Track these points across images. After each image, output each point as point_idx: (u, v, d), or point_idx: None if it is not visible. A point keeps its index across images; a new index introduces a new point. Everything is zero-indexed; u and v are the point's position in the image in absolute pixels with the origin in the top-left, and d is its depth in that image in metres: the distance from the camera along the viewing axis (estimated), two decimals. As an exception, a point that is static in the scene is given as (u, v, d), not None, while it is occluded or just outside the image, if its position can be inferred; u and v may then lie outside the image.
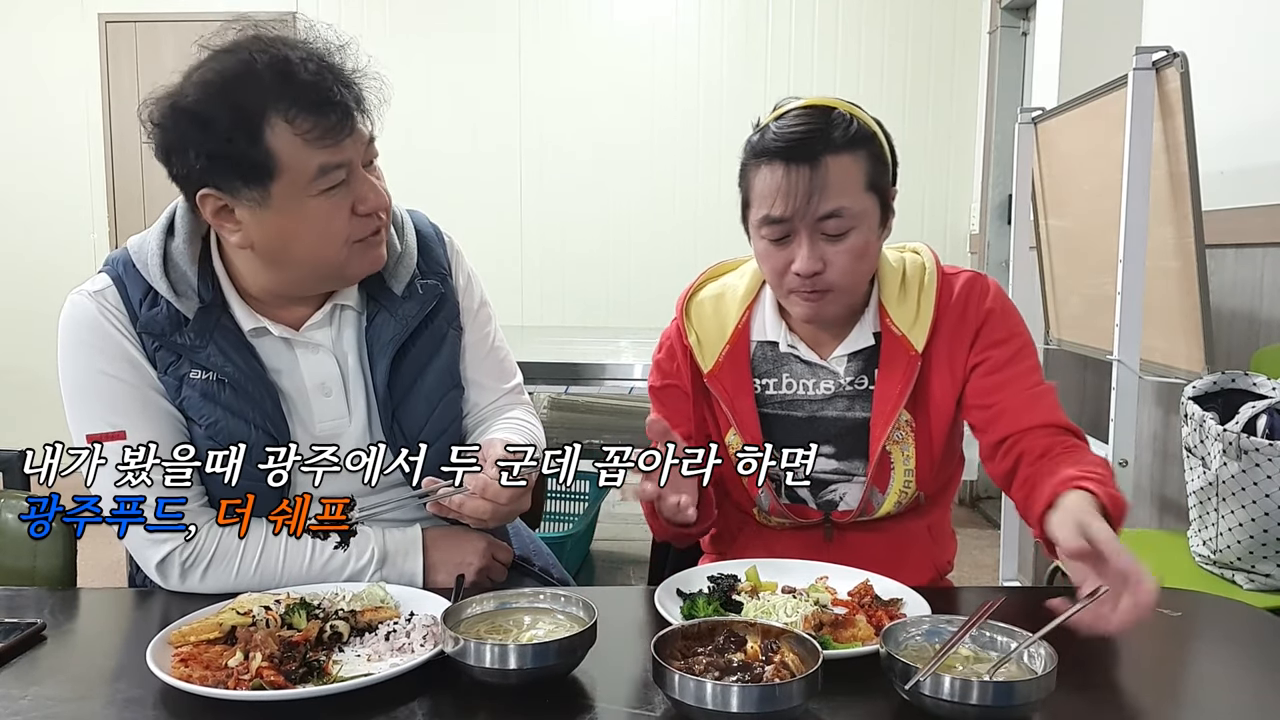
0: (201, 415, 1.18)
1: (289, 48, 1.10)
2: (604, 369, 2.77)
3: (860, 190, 1.19)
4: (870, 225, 1.21)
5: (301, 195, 1.10)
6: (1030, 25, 4.19)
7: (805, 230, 1.18)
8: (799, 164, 1.17)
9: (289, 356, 1.23)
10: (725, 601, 1.08)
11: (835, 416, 1.30)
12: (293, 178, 1.09)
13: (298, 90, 1.07)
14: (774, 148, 1.19)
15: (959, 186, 4.75)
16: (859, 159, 1.19)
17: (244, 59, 1.08)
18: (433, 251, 1.32)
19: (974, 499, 4.53)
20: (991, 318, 1.27)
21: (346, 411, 1.25)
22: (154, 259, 1.16)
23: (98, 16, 4.86)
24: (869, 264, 1.25)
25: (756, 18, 4.71)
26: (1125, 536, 0.97)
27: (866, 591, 1.08)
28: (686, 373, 1.37)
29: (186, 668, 0.91)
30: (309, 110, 1.07)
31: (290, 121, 1.07)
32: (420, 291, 1.27)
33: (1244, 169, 2.31)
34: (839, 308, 1.26)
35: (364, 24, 4.84)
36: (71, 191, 4.96)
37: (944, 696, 0.80)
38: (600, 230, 4.85)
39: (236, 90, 1.07)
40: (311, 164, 1.09)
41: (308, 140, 1.08)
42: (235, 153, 1.07)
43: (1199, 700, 0.97)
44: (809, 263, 1.18)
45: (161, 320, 1.16)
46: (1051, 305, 3.07)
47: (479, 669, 0.88)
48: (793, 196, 1.17)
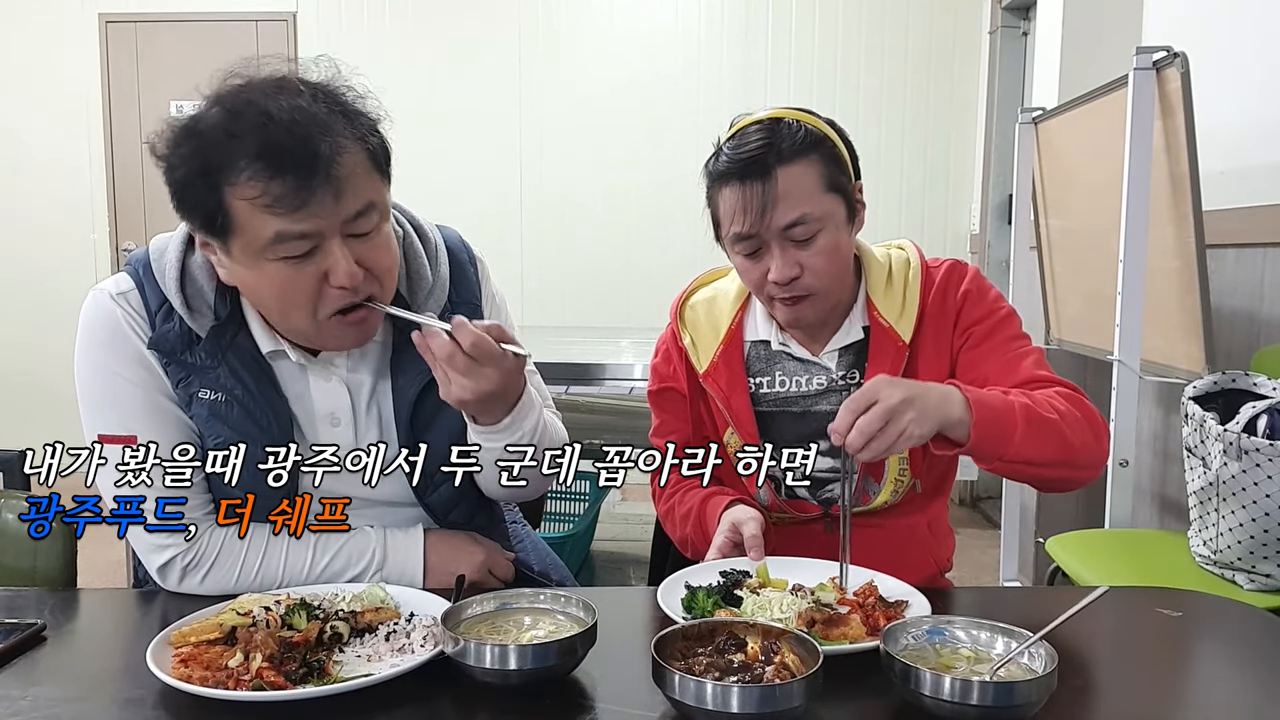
0: (210, 433, 1.17)
1: (276, 98, 1.02)
2: (604, 369, 2.77)
3: (819, 193, 1.23)
4: (836, 224, 1.25)
5: (259, 257, 1.05)
6: (1030, 25, 4.19)
7: (774, 241, 1.23)
8: (753, 181, 1.21)
9: (302, 382, 1.20)
10: (727, 595, 1.08)
11: (828, 411, 1.31)
12: (249, 239, 1.04)
13: (259, 151, 0.99)
14: (727, 169, 1.24)
15: (959, 186, 4.75)
16: (812, 164, 1.23)
17: (221, 111, 1.02)
18: (465, 279, 1.28)
19: (974, 499, 4.53)
20: (968, 299, 1.31)
21: (354, 442, 1.21)
22: (171, 271, 1.14)
23: (98, 16, 4.86)
24: (842, 262, 1.28)
25: (757, 18, 4.71)
26: (1126, 537, 0.98)
27: (870, 592, 1.08)
28: (683, 374, 1.40)
29: (186, 668, 0.91)
30: (264, 176, 1.00)
31: (245, 184, 1.00)
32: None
33: (1244, 169, 2.31)
34: (820, 309, 1.29)
35: (364, 24, 4.84)
36: (71, 191, 4.96)
37: (944, 696, 0.80)
38: (601, 230, 4.85)
39: (204, 142, 1.02)
40: (266, 230, 1.02)
41: (259, 207, 1.01)
42: (196, 201, 1.04)
43: (1199, 700, 0.97)
44: (782, 271, 1.23)
45: (172, 338, 1.14)
46: (1052, 305, 3.07)
47: (479, 670, 0.88)
48: (753, 212, 1.21)
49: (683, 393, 1.40)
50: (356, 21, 4.84)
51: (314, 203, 1.01)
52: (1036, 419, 1.12)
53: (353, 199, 1.04)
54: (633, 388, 2.72)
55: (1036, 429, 1.11)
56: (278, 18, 4.86)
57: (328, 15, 4.85)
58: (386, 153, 1.11)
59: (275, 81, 1.04)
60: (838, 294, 1.30)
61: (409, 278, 1.22)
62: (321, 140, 1.01)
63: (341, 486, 1.22)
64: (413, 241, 1.23)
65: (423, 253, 1.24)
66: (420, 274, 1.22)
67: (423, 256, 1.23)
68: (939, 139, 4.71)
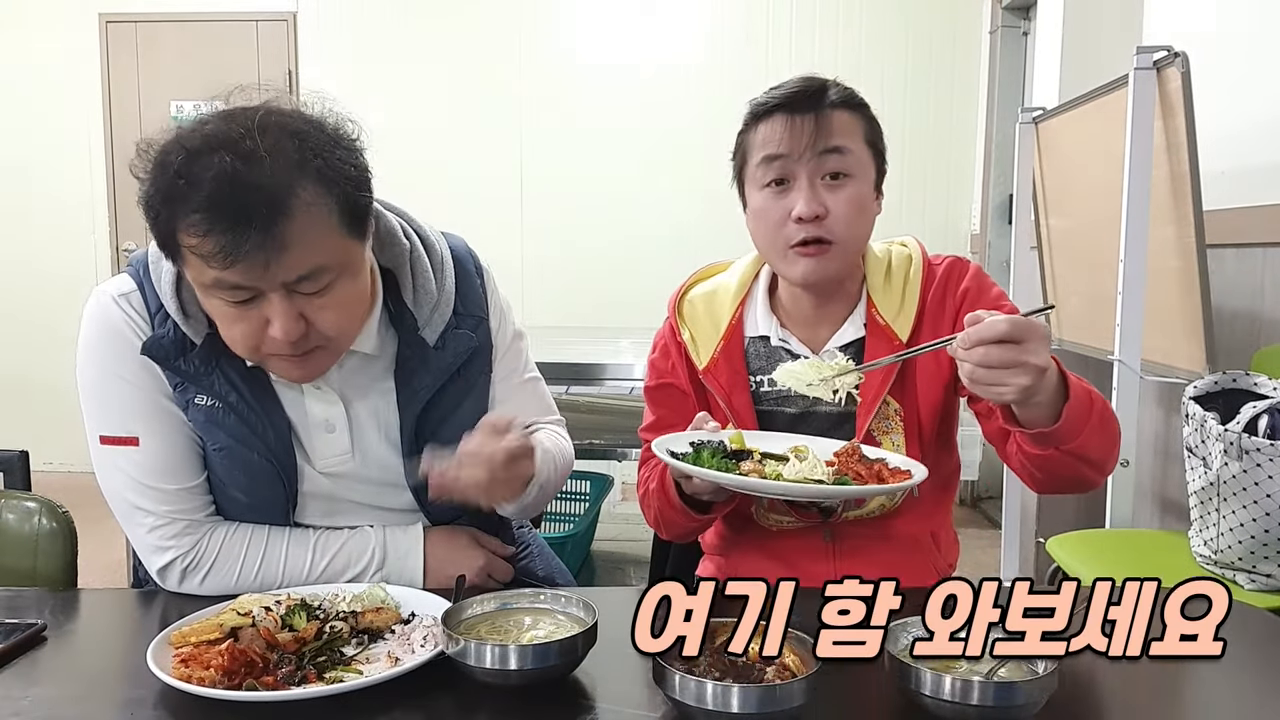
0: (208, 439, 1.17)
1: (237, 145, 0.97)
2: (604, 369, 2.77)
3: (861, 141, 1.23)
4: (868, 181, 1.24)
5: (205, 292, 1.04)
6: (1031, 25, 4.19)
7: (805, 173, 1.21)
8: (802, 112, 1.21)
9: (295, 389, 1.20)
10: (731, 455, 1.13)
11: (828, 410, 1.30)
12: (193, 274, 1.03)
13: (200, 203, 0.96)
14: (775, 102, 1.23)
15: (959, 186, 4.75)
16: (857, 117, 1.24)
17: (182, 151, 0.99)
18: (471, 291, 1.26)
19: (974, 499, 4.53)
20: (969, 296, 1.28)
21: (350, 448, 1.21)
22: (167, 275, 1.13)
23: (98, 16, 4.87)
24: (866, 223, 1.26)
25: (757, 18, 4.71)
26: (1126, 537, 0.98)
27: (854, 451, 1.13)
28: (683, 370, 1.37)
29: (187, 668, 0.91)
30: (202, 228, 0.96)
31: (186, 230, 0.98)
32: (455, 342, 1.22)
33: (1244, 169, 2.31)
34: (837, 266, 1.26)
35: (364, 24, 4.84)
36: (71, 191, 4.96)
37: (944, 696, 0.80)
38: (601, 230, 4.85)
39: (163, 178, 1.00)
40: (206, 274, 1.00)
41: (195, 253, 0.99)
42: (153, 224, 1.02)
43: (1199, 700, 0.97)
44: (809, 205, 1.20)
45: (166, 344, 1.13)
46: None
47: (479, 670, 0.88)
48: (796, 135, 1.21)
49: (683, 389, 1.37)
50: (356, 21, 4.84)
51: (244, 262, 0.97)
52: (1108, 415, 1.10)
53: (296, 261, 1.00)
54: (633, 388, 2.72)
55: (1103, 424, 1.09)
56: (278, 18, 4.86)
57: (328, 15, 4.85)
58: (361, 210, 1.06)
59: (244, 125, 0.99)
60: (854, 257, 1.28)
61: (415, 291, 1.21)
62: (266, 204, 0.96)
63: (342, 492, 1.22)
64: (419, 255, 1.22)
65: (429, 266, 1.22)
66: (425, 288, 1.21)
67: (429, 271, 1.22)
68: (939, 139, 4.71)
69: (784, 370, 1.23)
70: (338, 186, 1.02)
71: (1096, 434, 1.07)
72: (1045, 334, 0.97)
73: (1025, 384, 0.96)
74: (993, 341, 0.95)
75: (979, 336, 0.96)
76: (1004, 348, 0.95)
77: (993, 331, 0.95)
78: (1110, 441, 1.12)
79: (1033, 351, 0.95)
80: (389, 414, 1.22)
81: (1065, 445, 1.06)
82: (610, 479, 3.66)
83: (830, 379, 1.20)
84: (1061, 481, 1.18)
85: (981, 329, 0.96)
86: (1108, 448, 1.12)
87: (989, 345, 0.95)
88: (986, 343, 0.95)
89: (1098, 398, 1.10)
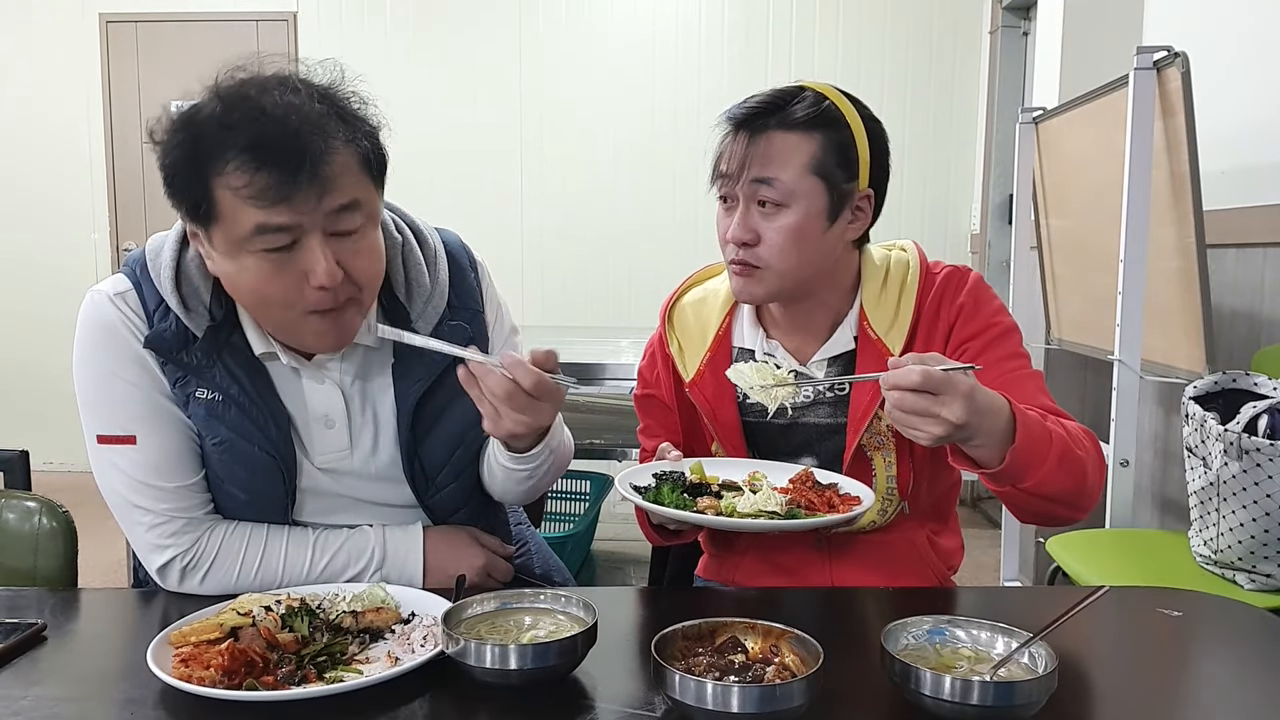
0: (209, 433, 1.16)
1: (272, 94, 1.02)
2: (604, 369, 2.77)
3: (800, 170, 1.20)
4: (809, 211, 1.20)
5: (239, 249, 1.04)
6: (1031, 25, 4.19)
7: (742, 197, 1.22)
8: (743, 131, 1.22)
9: (296, 384, 1.20)
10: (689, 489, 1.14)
11: (814, 423, 1.29)
12: (229, 229, 1.03)
13: (248, 144, 1.00)
14: (732, 115, 1.25)
15: (959, 186, 4.75)
16: (809, 140, 1.20)
17: (218, 102, 1.03)
18: (465, 284, 1.27)
19: (974, 499, 4.53)
20: (964, 312, 1.25)
21: (348, 444, 1.22)
22: (166, 270, 1.13)
23: (98, 16, 4.87)
24: (806, 252, 1.22)
25: (757, 18, 4.71)
26: (1126, 536, 0.97)
27: (807, 477, 1.14)
28: (667, 383, 1.37)
29: (187, 668, 0.91)
30: (250, 167, 0.99)
31: (231, 174, 1.00)
32: (450, 334, 1.21)
33: (1244, 169, 2.31)
34: (768, 290, 1.24)
35: (364, 23, 4.84)
36: (72, 191, 4.96)
37: (944, 696, 0.80)
38: (600, 230, 4.85)
39: (198, 131, 1.02)
40: (247, 222, 1.02)
41: (242, 197, 1.01)
42: (184, 187, 1.04)
43: (1199, 700, 0.97)
44: (736, 231, 1.22)
45: (169, 337, 1.13)
46: (1052, 305, 3.07)
47: (479, 669, 0.88)
48: (734, 157, 1.22)
49: (666, 403, 1.37)
50: (356, 21, 4.85)
51: (297, 197, 1.01)
52: (1069, 456, 1.07)
53: (337, 194, 1.04)
54: (632, 388, 2.72)
55: (1063, 464, 1.06)
56: (278, 18, 4.86)
57: (328, 15, 4.85)
58: (381, 159, 1.10)
59: (275, 78, 1.05)
60: (790, 283, 1.24)
61: (407, 285, 1.21)
62: (311, 138, 1.01)
63: (341, 488, 1.23)
64: (412, 248, 1.22)
65: (421, 259, 1.22)
66: (419, 281, 1.21)
67: (421, 264, 1.22)
68: (939, 139, 4.71)
69: (734, 370, 1.22)
70: (359, 132, 1.07)
71: (1055, 474, 1.05)
72: (966, 390, 0.96)
73: (938, 434, 0.97)
74: (907, 389, 0.96)
75: (894, 381, 0.97)
76: (918, 396, 0.96)
77: (906, 380, 0.96)
78: (1074, 480, 1.08)
79: (945, 405, 0.95)
80: (386, 408, 1.22)
81: (1020, 485, 1.05)
82: (610, 479, 3.66)
83: (770, 387, 1.18)
84: (1033, 516, 1.16)
85: (897, 375, 0.97)
86: (1073, 487, 1.09)
87: (904, 391, 0.96)
88: (901, 389, 0.96)
89: (1059, 438, 1.07)
